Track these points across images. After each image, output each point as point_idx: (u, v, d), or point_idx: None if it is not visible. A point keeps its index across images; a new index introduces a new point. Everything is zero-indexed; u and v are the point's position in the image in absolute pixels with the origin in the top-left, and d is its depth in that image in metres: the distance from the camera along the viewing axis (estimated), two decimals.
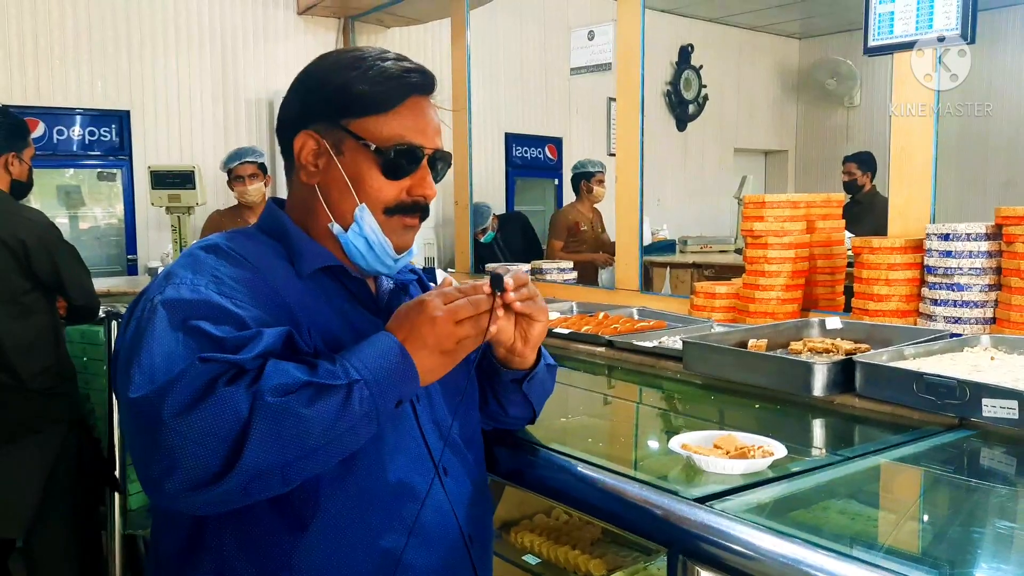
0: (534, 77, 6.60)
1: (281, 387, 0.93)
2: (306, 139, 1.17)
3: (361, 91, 1.14)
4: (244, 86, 5.24)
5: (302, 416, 0.93)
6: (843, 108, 8.05)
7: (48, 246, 2.71)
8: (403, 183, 1.16)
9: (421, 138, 1.16)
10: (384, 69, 1.15)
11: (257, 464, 0.91)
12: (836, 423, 1.73)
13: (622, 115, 3.31)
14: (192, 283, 1.04)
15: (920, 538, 1.25)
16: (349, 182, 1.15)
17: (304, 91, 1.20)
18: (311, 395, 0.94)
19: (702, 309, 2.72)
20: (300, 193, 1.21)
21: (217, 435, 0.90)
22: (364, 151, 1.14)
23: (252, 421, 0.91)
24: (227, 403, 0.91)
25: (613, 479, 1.25)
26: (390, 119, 1.15)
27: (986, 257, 2.14)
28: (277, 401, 0.92)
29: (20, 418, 2.70)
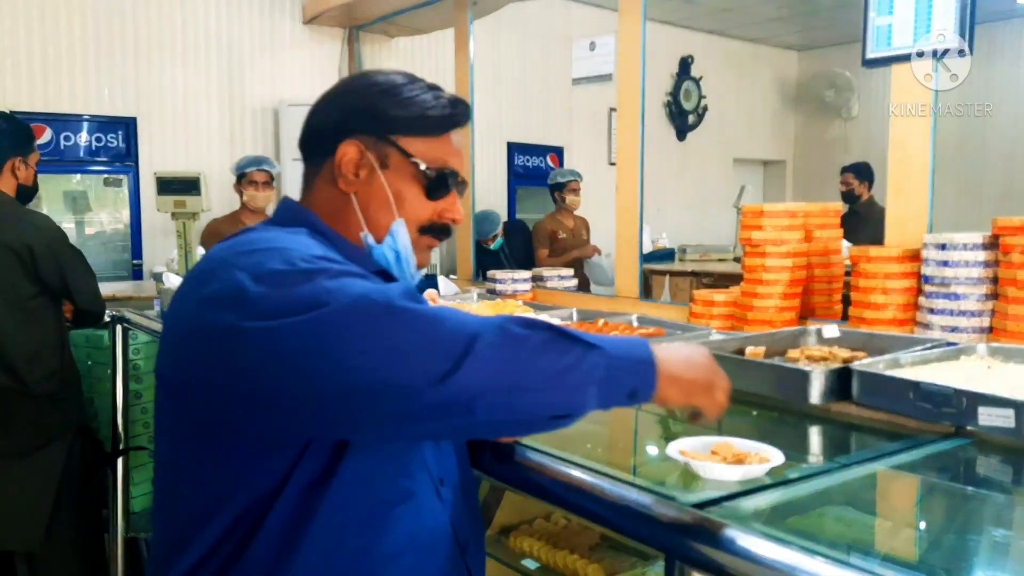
0: (536, 87, 6.64)
1: (524, 321, 0.94)
2: (351, 148, 1.18)
3: (419, 111, 1.19)
4: (250, 94, 5.27)
5: (537, 352, 0.91)
6: (841, 119, 8.08)
7: (55, 251, 2.72)
8: (437, 205, 1.22)
9: (457, 166, 1.22)
10: (439, 96, 1.22)
11: (485, 372, 0.88)
12: (833, 431, 1.74)
13: (623, 125, 3.34)
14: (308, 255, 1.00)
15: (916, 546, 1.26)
16: (391, 196, 1.18)
17: (351, 102, 1.22)
18: (550, 338, 0.93)
19: (700, 317, 2.73)
20: (333, 201, 1.21)
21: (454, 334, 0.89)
22: (410, 168, 1.19)
23: (489, 333, 0.90)
24: (461, 314, 0.92)
25: (611, 484, 1.25)
26: (438, 143, 1.21)
27: (983, 267, 2.14)
28: (517, 328, 0.92)
29: (26, 425, 2.69)
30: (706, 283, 5.10)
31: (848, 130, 8.03)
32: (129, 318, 3.11)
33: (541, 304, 3.31)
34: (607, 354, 0.96)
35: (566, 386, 0.93)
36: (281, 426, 0.99)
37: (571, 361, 0.93)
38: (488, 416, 0.90)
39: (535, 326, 0.94)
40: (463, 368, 0.87)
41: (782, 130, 8.62)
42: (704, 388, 1.06)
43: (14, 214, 2.74)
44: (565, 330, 0.96)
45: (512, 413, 0.92)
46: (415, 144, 1.19)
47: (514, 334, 0.92)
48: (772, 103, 8.49)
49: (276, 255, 0.99)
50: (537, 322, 0.95)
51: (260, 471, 1.03)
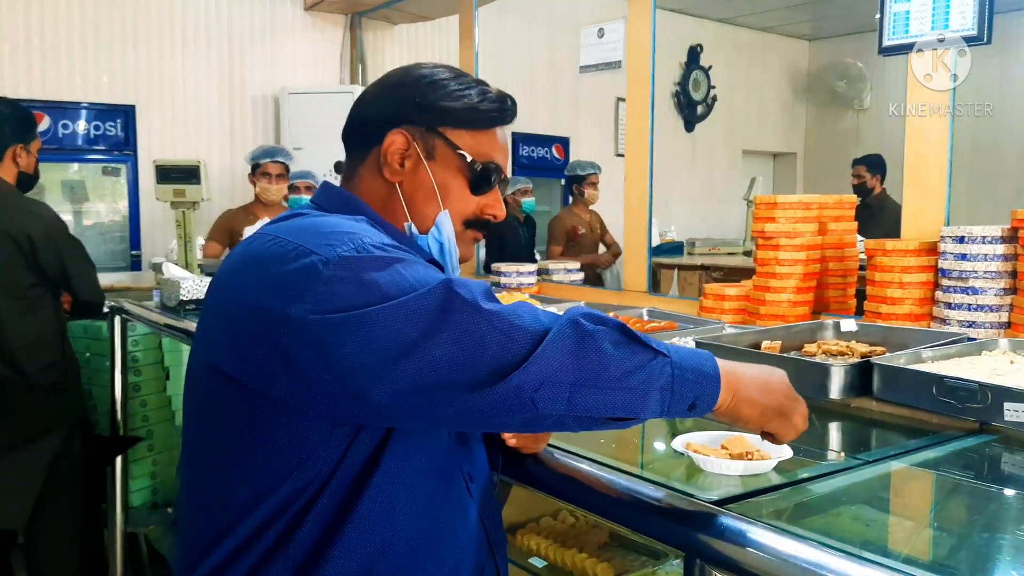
0: (542, 76, 6.58)
1: (595, 317, 0.94)
2: (399, 137, 1.18)
3: (467, 105, 1.19)
4: (250, 82, 5.23)
5: (603, 350, 0.92)
6: (853, 111, 8.01)
7: (55, 240, 2.69)
8: (481, 199, 1.22)
9: (502, 161, 1.23)
10: (488, 91, 1.22)
11: (550, 366, 0.90)
12: (853, 427, 1.71)
13: (631, 115, 3.28)
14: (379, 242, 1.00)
15: (940, 545, 1.23)
16: (436, 187, 1.18)
17: (400, 92, 1.20)
18: (619, 339, 0.94)
19: (711, 311, 2.69)
20: (377, 190, 1.20)
21: (524, 328, 0.91)
22: (457, 161, 1.18)
23: (558, 328, 0.91)
24: (536, 309, 0.93)
25: (628, 481, 1.23)
26: (486, 137, 1.21)
27: (1002, 260, 2.11)
28: (587, 324, 0.93)
29: (26, 416, 2.67)
30: (715, 277, 5.06)
31: (860, 122, 7.96)
32: (128, 309, 3.08)
33: (547, 297, 3.26)
34: (673, 362, 0.96)
35: (629, 387, 0.93)
36: (347, 414, 0.98)
37: (637, 363, 0.94)
38: (550, 409, 0.91)
39: (607, 323, 0.95)
40: (530, 361, 0.89)
41: (793, 121, 8.56)
42: (778, 412, 1.08)
43: (14, 202, 2.70)
44: (636, 333, 0.96)
45: (571, 408, 0.92)
46: (462, 137, 1.19)
47: (585, 330, 0.92)
48: (782, 94, 8.43)
49: (347, 239, 0.98)
50: (609, 320, 0.96)
51: (313, 458, 1.01)
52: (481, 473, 1.23)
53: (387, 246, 1.00)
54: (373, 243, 0.99)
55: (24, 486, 2.66)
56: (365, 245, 0.97)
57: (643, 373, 0.94)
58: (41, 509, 2.72)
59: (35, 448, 2.67)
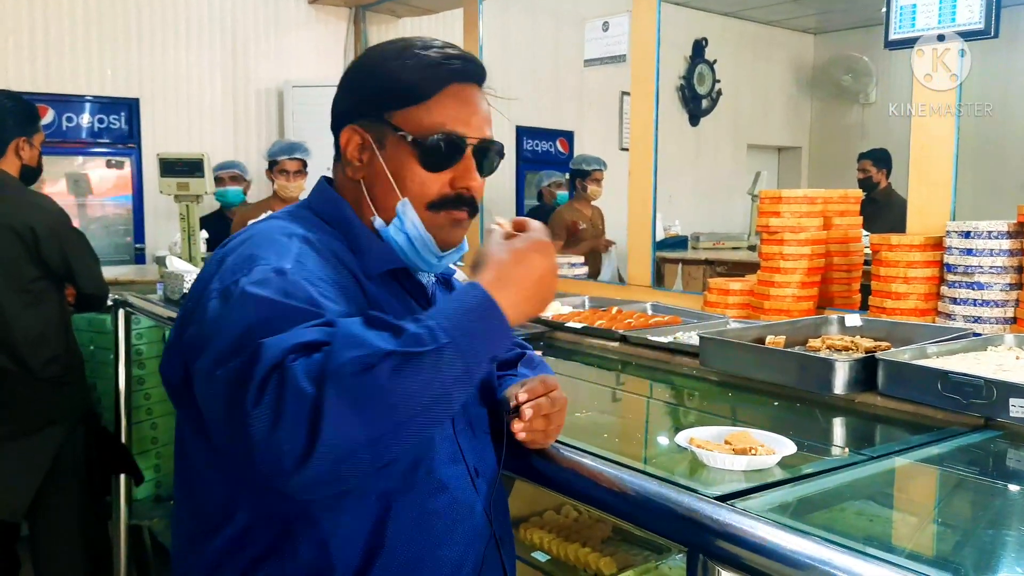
0: (546, 70, 6.56)
1: (358, 360, 0.84)
2: (351, 134, 1.15)
3: (400, 80, 1.12)
4: (254, 76, 5.22)
5: (385, 390, 0.84)
6: (858, 105, 7.97)
7: (58, 233, 2.68)
8: (445, 175, 1.13)
9: (463, 127, 1.12)
10: (424, 57, 1.12)
11: (339, 443, 0.82)
12: (857, 422, 1.70)
13: (636, 109, 3.27)
14: (277, 266, 0.98)
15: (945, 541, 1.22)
16: (391, 176, 1.13)
17: (350, 85, 1.18)
18: (395, 365, 0.84)
19: (716, 306, 2.69)
20: (349, 187, 1.18)
21: (290, 417, 0.83)
22: (404, 143, 1.11)
23: (325, 398, 0.82)
24: (295, 383, 0.83)
25: (631, 476, 1.22)
26: (431, 108, 1.11)
27: (1007, 256, 2.10)
28: (356, 375, 0.83)
29: (30, 409, 2.67)
30: (719, 271, 5.04)
31: (866, 116, 7.91)
32: (132, 302, 3.08)
33: None
34: (456, 341, 0.88)
35: (427, 407, 0.86)
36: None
37: (423, 379, 0.85)
38: (362, 472, 0.85)
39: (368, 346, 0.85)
40: (319, 446, 0.81)
41: (798, 115, 8.52)
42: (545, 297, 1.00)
43: (17, 195, 2.70)
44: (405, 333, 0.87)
45: (381, 459, 0.86)
46: (407, 115, 1.12)
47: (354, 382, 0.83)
48: (788, 88, 8.39)
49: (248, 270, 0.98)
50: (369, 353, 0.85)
51: None
52: (488, 467, 1.22)
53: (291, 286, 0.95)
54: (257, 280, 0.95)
55: (25, 478, 2.66)
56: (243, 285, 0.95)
57: (434, 384, 0.86)
58: (44, 501, 2.72)
59: (37, 440, 2.67)
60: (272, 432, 0.83)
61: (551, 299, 1.02)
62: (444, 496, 1.11)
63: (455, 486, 1.12)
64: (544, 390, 1.21)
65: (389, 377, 0.84)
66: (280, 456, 0.83)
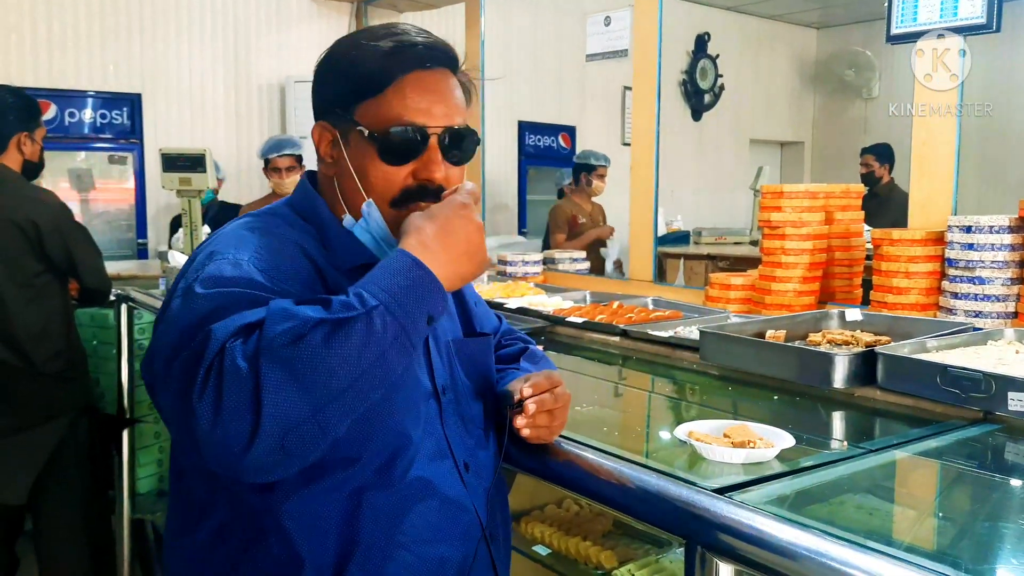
0: (548, 65, 6.55)
1: (289, 331, 0.85)
2: (321, 131, 1.14)
3: (356, 73, 1.09)
4: (256, 71, 5.22)
5: (319, 356, 0.84)
6: (861, 100, 7.95)
7: (60, 228, 2.68)
8: (407, 168, 1.09)
9: (425, 117, 1.08)
10: (378, 47, 1.08)
11: (282, 415, 0.83)
12: (857, 416, 1.70)
13: (638, 103, 3.27)
14: (235, 258, 1.00)
15: (943, 534, 1.22)
16: (355, 173, 1.10)
17: (317, 80, 1.17)
18: (326, 332, 0.85)
19: (717, 300, 2.69)
20: (324, 183, 1.18)
21: (232, 398, 0.84)
22: (363, 138, 1.08)
23: (262, 374, 0.83)
24: (233, 364, 0.84)
25: (630, 469, 1.23)
26: (389, 100, 1.08)
27: (1009, 250, 2.10)
28: (288, 347, 0.84)
29: (33, 404, 2.67)
30: (722, 267, 5.04)
31: (868, 111, 7.89)
32: (134, 297, 3.09)
33: (553, 286, 3.26)
34: (387, 306, 0.89)
35: (367, 371, 0.87)
36: None
37: (358, 341, 0.86)
38: (310, 444, 0.87)
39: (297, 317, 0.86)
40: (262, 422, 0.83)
41: (800, 110, 8.49)
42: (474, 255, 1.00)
43: (19, 190, 2.70)
44: (333, 303, 0.88)
45: (328, 430, 0.88)
46: (366, 108, 1.08)
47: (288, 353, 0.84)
48: (790, 82, 8.36)
49: (211, 267, 1.00)
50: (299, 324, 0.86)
51: None
52: (481, 463, 1.21)
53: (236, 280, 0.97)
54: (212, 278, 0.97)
55: (25, 464, 2.66)
56: (200, 279, 0.98)
57: (370, 346, 0.87)
58: (47, 495, 2.73)
59: (39, 434, 2.68)
60: (216, 417, 0.83)
61: (482, 258, 1.01)
62: (427, 492, 1.09)
63: (440, 482, 1.11)
64: (548, 385, 1.21)
65: (322, 344, 0.85)
66: (227, 440, 0.83)
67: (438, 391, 1.15)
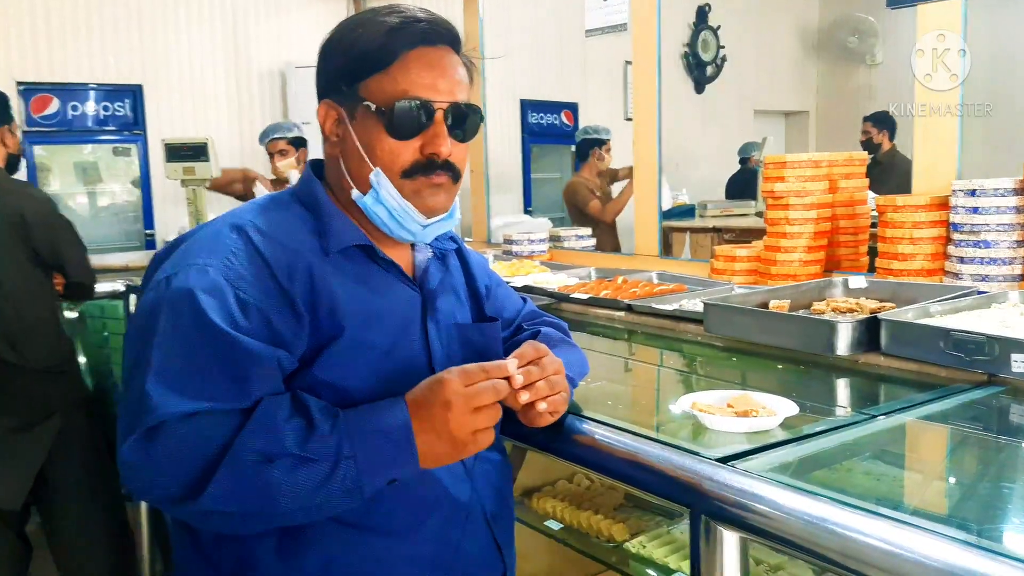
0: (548, 42, 6.51)
1: (261, 452, 0.92)
2: (327, 109, 1.15)
3: (362, 49, 1.10)
4: (256, 57, 5.22)
5: (273, 481, 0.91)
6: (865, 66, 7.87)
7: (47, 221, 2.66)
8: (415, 142, 1.11)
9: (430, 92, 1.10)
10: (384, 23, 1.10)
11: (216, 505, 0.91)
12: (861, 382, 1.71)
13: (639, 77, 3.25)
14: (202, 267, 1.02)
15: (949, 497, 1.23)
16: (362, 148, 1.11)
17: (322, 60, 1.17)
18: (291, 465, 0.92)
19: (722, 273, 2.68)
20: (331, 166, 1.18)
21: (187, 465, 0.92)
22: (371, 113, 1.10)
23: (221, 467, 0.91)
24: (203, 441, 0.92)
25: (635, 441, 1.24)
26: (394, 75, 1.10)
27: (1014, 212, 2.08)
28: (254, 463, 0.91)
29: (27, 400, 2.64)
30: (727, 239, 5.02)
31: (872, 77, 7.82)
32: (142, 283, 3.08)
33: (559, 264, 3.27)
34: (359, 462, 0.94)
35: (309, 508, 0.94)
36: None
37: (316, 485, 0.93)
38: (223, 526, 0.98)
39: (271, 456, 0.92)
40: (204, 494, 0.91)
41: (804, 79, 8.42)
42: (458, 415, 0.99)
43: (5, 185, 2.65)
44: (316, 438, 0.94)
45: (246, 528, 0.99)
46: (372, 84, 1.10)
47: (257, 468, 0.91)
48: (793, 51, 8.28)
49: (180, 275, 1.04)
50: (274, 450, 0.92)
51: None
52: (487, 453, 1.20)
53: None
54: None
55: (19, 467, 2.63)
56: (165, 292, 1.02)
57: (322, 491, 0.93)
58: (54, 492, 2.71)
59: (35, 431, 2.64)
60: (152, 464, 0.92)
61: (465, 453, 1.02)
62: (426, 474, 1.08)
63: (439, 473, 1.12)
64: (534, 355, 1.15)
65: (283, 474, 0.92)
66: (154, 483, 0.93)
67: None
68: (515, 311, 1.42)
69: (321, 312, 1.05)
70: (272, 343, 1.01)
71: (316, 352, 1.05)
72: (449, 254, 1.28)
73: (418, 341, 1.15)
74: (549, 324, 1.43)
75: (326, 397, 1.03)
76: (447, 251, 1.28)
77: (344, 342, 1.05)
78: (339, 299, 1.07)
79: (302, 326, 1.03)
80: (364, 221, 1.15)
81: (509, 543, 1.24)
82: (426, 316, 1.17)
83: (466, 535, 1.15)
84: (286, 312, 1.03)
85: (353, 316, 1.07)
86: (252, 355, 0.98)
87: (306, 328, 1.04)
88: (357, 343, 1.07)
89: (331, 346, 1.05)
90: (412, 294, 1.16)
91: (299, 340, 1.03)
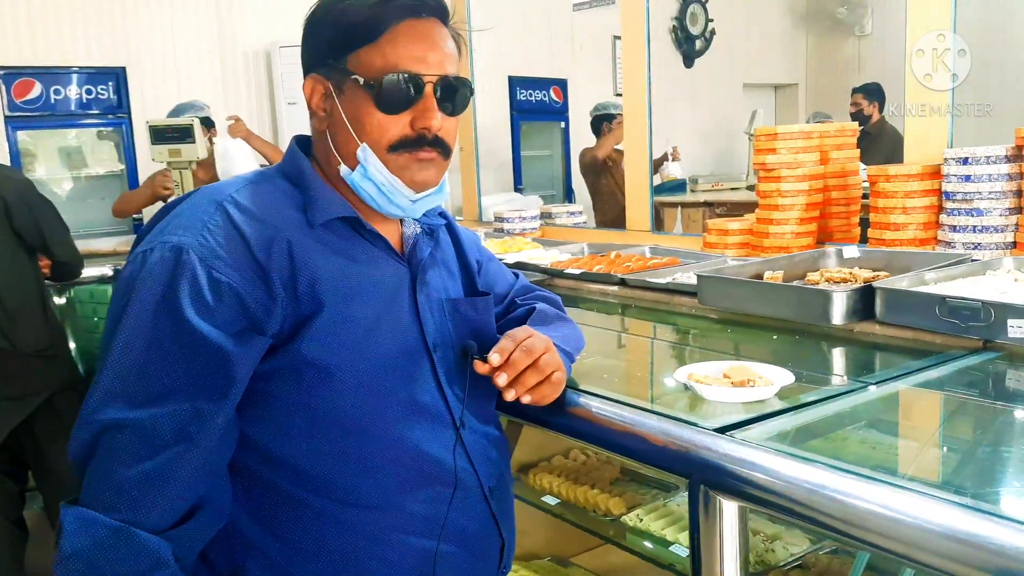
0: (536, 18, 6.44)
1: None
2: (313, 84, 1.13)
3: (349, 22, 1.08)
4: (242, 37, 5.14)
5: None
6: (855, 37, 7.84)
7: (27, 201, 2.62)
8: (404, 117, 1.08)
9: (419, 65, 1.08)
10: None
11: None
12: (856, 351, 1.71)
13: (627, 52, 3.22)
14: (177, 245, 1.01)
15: (947, 462, 1.24)
16: (349, 123, 1.09)
17: (307, 34, 1.15)
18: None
19: (715, 246, 2.68)
20: (317, 139, 1.17)
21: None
22: (359, 87, 1.08)
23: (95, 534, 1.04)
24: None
25: (632, 414, 1.24)
26: (382, 48, 1.07)
27: (1006, 180, 2.09)
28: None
29: (16, 384, 2.62)
30: (719, 213, 5.02)
31: (862, 48, 7.79)
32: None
33: (551, 240, 3.26)
34: None
35: None
36: None
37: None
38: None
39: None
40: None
41: (793, 51, 8.38)
42: None
43: None
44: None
45: None
46: (360, 57, 1.08)
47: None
48: (782, 23, 8.23)
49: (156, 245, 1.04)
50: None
51: None
52: (481, 419, 1.20)
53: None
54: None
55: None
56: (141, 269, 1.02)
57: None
58: (54, 471, 2.70)
59: (27, 400, 2.64)
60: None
61: None
62: (420, 451, 1.10)
63: (435, 438, 1.12)
64: (513, 346, 1.15)
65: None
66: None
67: (429, 348, 1.14)
68: (508, 286, 1.41)
69: (301, 288, 1.03)
70: (245, 324, 1.00)
71: (298, 329, 1.03)
72: (439, 230, 1.27)
73: (408, 315, 1.13)
74: (542, 299, 1.42)
75: (310, 378, 1.03)
76: (437, 227, 1.26)
77: (325, 317, 1.04)
78: (320, 273, 1.05)
79: (277, 303, 1.02)
80: (352, 197, 1.14)
81: (507, 517, 1.24)
82: (416, 290, 1.15)
83: (463, 509, 1.14)
84: (260, 291, 1.01)
85: (334, 291, 1.05)
86: (215, 351, 0.98)
87: (280, 306, 1.02)
88: (338, 318, 1.05)
89: (312, 322, 1.03)
90: (400, 267, 1.14)
91: (273, 318, 1.01)
